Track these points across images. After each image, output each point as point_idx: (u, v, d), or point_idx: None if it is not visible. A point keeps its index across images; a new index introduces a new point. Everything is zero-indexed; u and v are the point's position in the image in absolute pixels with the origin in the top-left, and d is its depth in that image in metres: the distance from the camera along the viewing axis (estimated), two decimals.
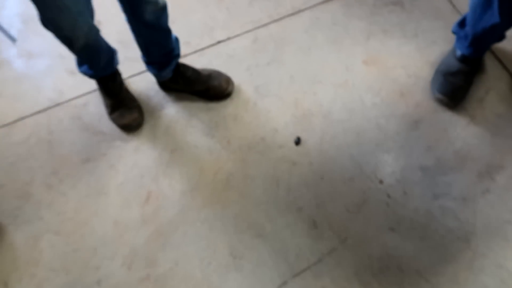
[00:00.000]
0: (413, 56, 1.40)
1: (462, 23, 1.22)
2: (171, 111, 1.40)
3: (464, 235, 1.13)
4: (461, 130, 1.26)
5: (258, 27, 1.55)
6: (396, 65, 1.39)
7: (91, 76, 1.36)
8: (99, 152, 1.38)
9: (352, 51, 1.44)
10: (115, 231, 1.24)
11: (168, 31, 1.22)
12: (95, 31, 1.12)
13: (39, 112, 1.49)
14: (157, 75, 1.34)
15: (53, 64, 1.59)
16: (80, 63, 1.32)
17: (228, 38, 1.55)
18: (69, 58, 1.59)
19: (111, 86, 1.38)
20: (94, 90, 1.50)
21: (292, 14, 1.56)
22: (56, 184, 1.34)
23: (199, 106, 1.42)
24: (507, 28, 1.15)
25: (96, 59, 1.26)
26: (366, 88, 1.37)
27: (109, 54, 1.31)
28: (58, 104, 1.49)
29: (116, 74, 1.39)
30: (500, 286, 1.06)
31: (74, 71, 1.56)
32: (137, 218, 1.25)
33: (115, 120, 1.40)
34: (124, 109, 1.39)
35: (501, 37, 1.23)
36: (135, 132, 1.39)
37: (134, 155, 1.36)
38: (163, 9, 1.12)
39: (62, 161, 1.38)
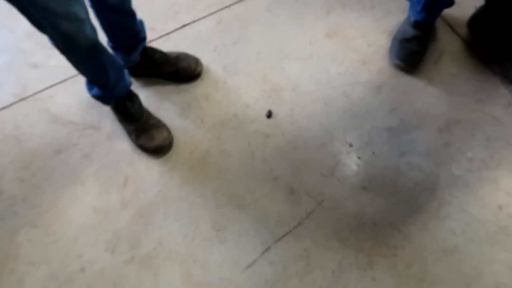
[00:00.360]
0: (371, 27, 1.47)
1: None
2: (142, 96, 1.39)
3: (430, 186, 1.21)
4: (420, 91, 1.34)
5: (222, 9, 1.58)
6: (356, 36, 1.46)
7: (104, 98, 1.25)
8: (71, 142, 1.36)
9: (314, 25, 1.50)
10: (95, 218, 1.24)
11: (132, 14, 1.22)
12: (93, 27, 1.02)
13: (2, 108, 1.45)
14: (126, 60, 1.34)
15: (13, 59, 1.55)
16: (90, 86, 1.22)
17: (193, 21, 1.56)
18: (31, 52, 1.56)
19: (130, 107, 1.29)
20: (60, 82, 1.48)
21: None
22: (29, 178, 1.31)
23: (170, 89, 1.43)
24: None
25: (103, 70, 1.14)
26: (330, 59, 1.43)
27: (117, 67, 1.21)
28: (23, 99, 1.46)
29: (133, 94, 1.31)
30: (465, 228, 1.15)
31: (37, 64, 1.53)
32: (117, 203, 1.25)
33: (143, 145, 1.30)
34: (152, 130, 1.30)
35: (451, 2, 1.32)
36: (166, 153, 1.31)
37: (108, 142, 1.36)
38: None
39: (32, 154, 1.35)
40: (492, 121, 1.28)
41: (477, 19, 1.36)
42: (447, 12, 1.44)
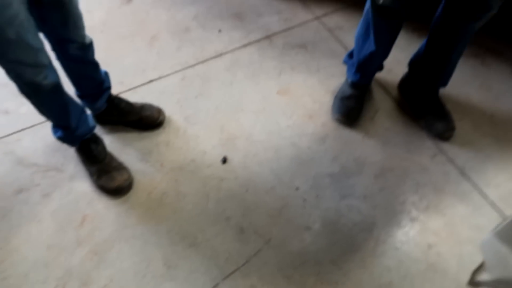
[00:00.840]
0: (317, 87, 1.67)
1: (350, 55, 1.52)
2: (106, 141, 1.49)
3: (367, 226, 1.32)
4: (358, 142, 1.51)
5: (186, 68, 1.76)
6: (304, 94, 1.65)
7: (68, 139, 1.34)
8: (33, 183, 1.42)
9: (267, 84, 1.69)
10: (48, 256, 1.26)
11: (95, 64, 1.35)
12: (54, 70, 1.13)
13: None
14: (92, 108, 1.46)
15: None
16: (55, 129, 1.32)
17: (159, 77, 1.73)
18: (2, 99, 1.66)
19: (94, 149, 1.38)
20: (29, 127, 1.56)
21: (215, 56, 1.80)
22: None
23: (133, 136, 1.54)
24: (382, 57, 1.47)
25: (65, 110, 1.24)
26: (281, 113, 1.60)
27: (78, 109, 1.31)
28: None
29: (97, 137, 1.41)
30: (399, 265, 1.25)
31: (7, 110, 1.63)
32: (72, 241, 1.29)
33: (104, 186, 1.37)
34: (113, 171, 1.38)
35: (380, 66, 1.54)
36: (126, 194, 1.38)
37: (69, 183, 1.42)
38: (89, 46, 1.26)
39: None
40: (420, 169, 1.44)
41: (404, 83, 1.59)
42: (381, 76, 1.66)
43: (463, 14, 1.24)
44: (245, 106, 1.63)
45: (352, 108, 1.53)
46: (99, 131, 1.53)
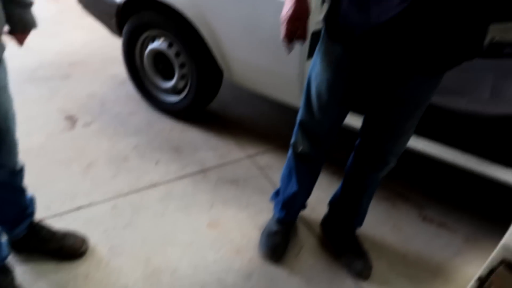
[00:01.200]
0: (246, 222, 1.75)
1: (277, 193, 1.65)
2: (18, 272, 1.38)
3: None
4: (284, 280, 1.53)
5: (118, 196, 1.78)
6: (233, 228, 1.71)
7: None
8: None
9: (198, 217, 1.74)
10: None
11: (21, 191, 1.33)
12: None
13: None
14: (9, 234, 1.38)
15: None
16: None
17: (89, 205, 1.72)
18: None
19: (1, 282, 1.26)
20: None
21: (150, 187, 1.86)
22: None
23: (50, 266, 1.45)
24: (305, 197, 1.61)
25: None
26: (209, 247, 1.61)
27: None
28: None
29: (7, 268, 1.30)
30: None
31: None
32: None
33: None
34: None
35: (304, 205, 1.68)
36: None
37: None
38: (19, 172, 1.27)
39: None
40: None
41: (325, 221, 1.72)
42: (305, 214, 1.79)
43: (367, 165, 1.45)
44: (174, 238, 1.63)
45: (278, 244, 1.59)
46: (12, 259, 1.42)
